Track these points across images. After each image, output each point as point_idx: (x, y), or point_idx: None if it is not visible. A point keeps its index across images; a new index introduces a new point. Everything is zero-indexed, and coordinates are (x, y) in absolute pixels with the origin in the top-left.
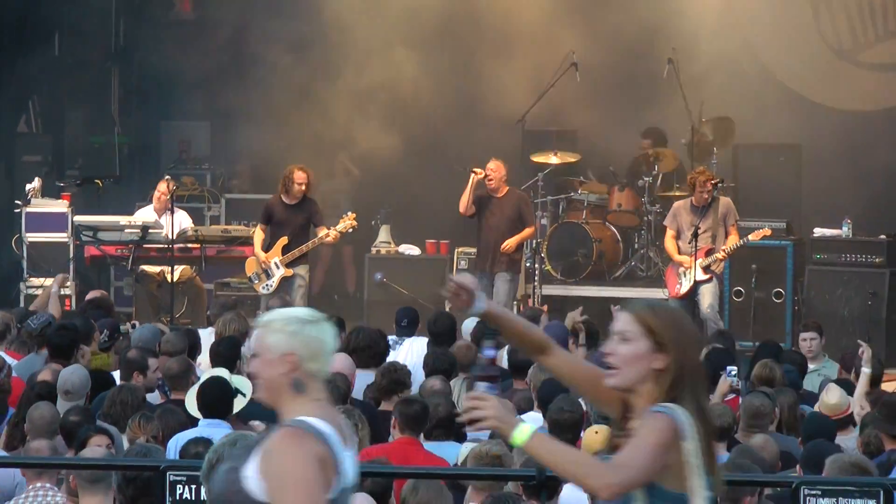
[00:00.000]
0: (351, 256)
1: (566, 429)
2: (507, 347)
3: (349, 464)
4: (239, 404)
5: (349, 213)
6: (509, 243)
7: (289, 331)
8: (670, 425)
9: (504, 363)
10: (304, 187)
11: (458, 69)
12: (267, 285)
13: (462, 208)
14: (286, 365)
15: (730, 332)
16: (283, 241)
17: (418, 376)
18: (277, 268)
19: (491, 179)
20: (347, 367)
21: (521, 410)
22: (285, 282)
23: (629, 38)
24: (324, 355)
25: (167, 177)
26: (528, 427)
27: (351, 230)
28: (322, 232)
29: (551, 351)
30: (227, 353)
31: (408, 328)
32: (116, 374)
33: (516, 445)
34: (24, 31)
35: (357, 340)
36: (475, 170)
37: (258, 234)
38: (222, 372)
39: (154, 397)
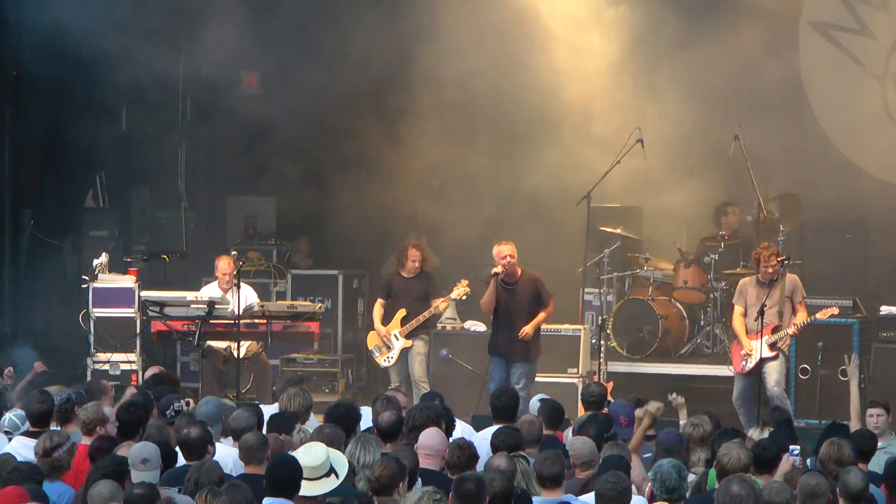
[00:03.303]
0: None
1: (609, 501)
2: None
3: None
4: (332, 484)
5: (462, 281)
6: (526, 330)
7: None
8: None
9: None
10: (417, 264)
11: (523, 149)
12: (388, 357)
13: (486, 308)
14: None
15: (785, 409)
16: (402, 312)
17: None
18: (397, 339)
19: (509, 265)
20: (439, 444)
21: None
22: (405, 352)
23: (694, 114)
24: None
25: (231, 254)
26: None
27: (465, 297)
28: (435, 303)
29: None
30: (284, 426)
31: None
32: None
33: None
34: (91, 106)
35: (418, 418)
36: (495, 270)
37: (378, 309)
38: (320, 449)
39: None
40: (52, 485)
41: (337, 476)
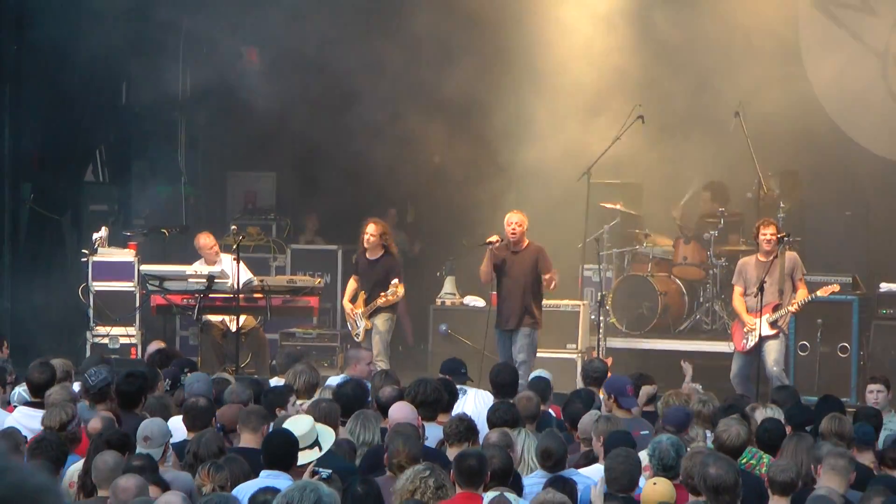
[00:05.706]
0: (406, 308)
1: (622, 475)
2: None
3: None
4: (313, 455)
5: (395, 282)
6: (550, 278)
7: None
8: None
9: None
10: (371, 238)
11: (524, 124)
12: (356, 334)
13: (484, 278)
14: None
15: (792, 387)
16: (363, 294)
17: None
18: (360, 320)
19: (514, 233)
20: (410, 415)
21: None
22: (368, 332)
23: (695, 91)
24: None
25: (233, 229)
26: None
27: (396, 300)
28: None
29: None
30: (277, 401)
31: (466, 374)
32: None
33: None
34: (91, 81)
35: (425, 394)
36: (491, 239)
37: (350, 285)
38: (305, 421)
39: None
40: (71, 456)
41: (320, 449)
